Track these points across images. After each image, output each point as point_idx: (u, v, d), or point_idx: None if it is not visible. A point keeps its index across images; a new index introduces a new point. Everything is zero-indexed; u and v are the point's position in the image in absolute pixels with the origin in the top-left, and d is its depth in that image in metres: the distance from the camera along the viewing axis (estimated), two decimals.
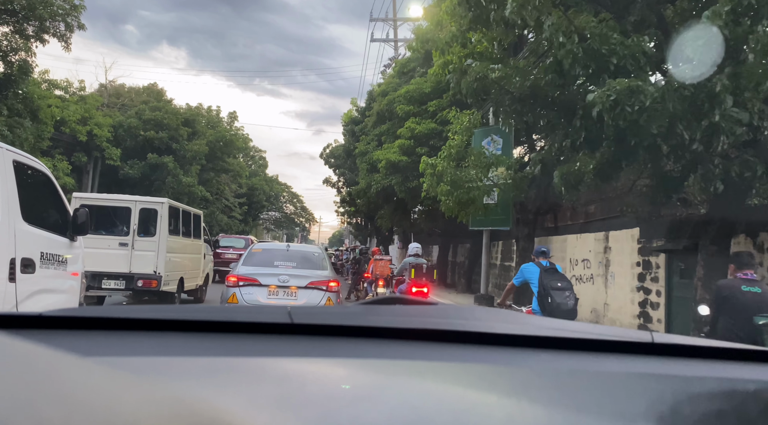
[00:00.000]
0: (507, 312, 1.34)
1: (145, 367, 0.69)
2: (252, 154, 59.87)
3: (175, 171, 29.03)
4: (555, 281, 5.94)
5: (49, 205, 5.30)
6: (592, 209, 11.14)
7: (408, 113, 17.77)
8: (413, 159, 17.38)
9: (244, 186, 50.82)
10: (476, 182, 12.23)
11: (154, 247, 10.42)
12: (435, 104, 17.04)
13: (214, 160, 38.55)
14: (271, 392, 0.62)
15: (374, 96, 25.42)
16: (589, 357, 0.96)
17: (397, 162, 17.36)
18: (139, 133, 29.13)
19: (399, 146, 17.51)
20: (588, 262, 11.02)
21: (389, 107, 19.99)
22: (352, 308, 1.30)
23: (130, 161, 28.87)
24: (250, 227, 54.33)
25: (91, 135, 26.79)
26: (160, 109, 30.09)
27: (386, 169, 18.31)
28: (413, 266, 10.09)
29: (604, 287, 10.28)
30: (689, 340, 1.15)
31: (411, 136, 17.22)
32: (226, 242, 21.91)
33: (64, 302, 5.13)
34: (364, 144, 22.16)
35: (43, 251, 4.81)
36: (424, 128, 16.78)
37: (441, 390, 0.71)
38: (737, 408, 0.78)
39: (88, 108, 27.17)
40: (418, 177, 17.61)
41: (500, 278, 16.56)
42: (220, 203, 44.31)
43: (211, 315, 1.00)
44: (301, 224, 71.31)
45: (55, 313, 0.90)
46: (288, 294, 7.91)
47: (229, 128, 40.73)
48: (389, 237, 36.06)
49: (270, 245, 11.18)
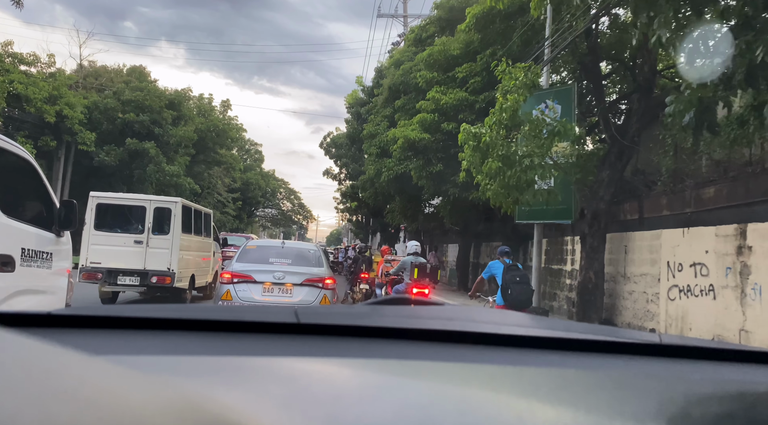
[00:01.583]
0: (512, 313, 1.43)
1: (152, 366, 0.69)
2: (247, 147, 57.41)
3: (158, 159, 25.74)
4: (515, 277, 6.87)
5: (32, 196, 4.94)
6: (709, 192, 7.91)
7: (430, 82, 14.53)
8: (437, 137, 14.17)
9: (238, 180, 48.46)
10: (536, 158, 9.03)
11: (168, 245, 10.67)
12: (466, 69, 13.81)
13: (206, 151, 35.73)
14: (278, 391, 0.62)
15: (384, 72, 22.18)
16: (597, 358, 0.96)
17: (417, 141, 14.12)
18: (117, 115, 25.83)
19: (420, 122, 14.28)
20: (703, 267, 7.81)
21: (405, 78, 16.76)
22: (358, 308, 1.51)
23: (106, 146, 25.54)
24: (244, 224, 52.06)
25: (61, 116, 23.51)
26: (141, 89, 26.77)
27: (402, 151, 15.07)
28: (415, 266, 9.29)
29: (739, 306, 7.07)
30: (697, 342, 1.15)
31: (435, 109, 13.99)
32: (232, 240, 21.84)
33: (49, 303, 4.82)
34: (372, 125, 18.91)
35: (25, 248, 4.47)
36: (452, 99, 13.55)
37: (448, 391, 0.70)
38: (747, 411, 0.76)
39: (58, 86, 23.86)
40: (445, 159, 14.40)
41: (548, 285, 13.34)
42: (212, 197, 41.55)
43: (218, 315, 1.02)
44: (298, 222, 68.80)
45: (63, 312, 0.93)
46: (283, 291, 7.82)
47: (222, 117, 37.81)
48: (395, 235, 32.92)
49: (265, 242, 11.41)
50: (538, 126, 9.40)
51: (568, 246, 12.42)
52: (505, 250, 7.33)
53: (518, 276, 6.91)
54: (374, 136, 18.45)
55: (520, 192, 9.39)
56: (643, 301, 9.46)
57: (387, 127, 18.36)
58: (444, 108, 13.79)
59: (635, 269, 9.76)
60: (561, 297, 12.74)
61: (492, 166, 8.94)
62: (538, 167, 8.87)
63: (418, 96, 15.92)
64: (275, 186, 60.27)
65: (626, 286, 10.05)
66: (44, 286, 4.84)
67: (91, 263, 10.45)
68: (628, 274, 9.99)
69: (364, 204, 29.51)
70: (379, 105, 19.46)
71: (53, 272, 4.95)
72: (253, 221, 61.55)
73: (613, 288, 10.43)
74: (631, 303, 9.86)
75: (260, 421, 0.49)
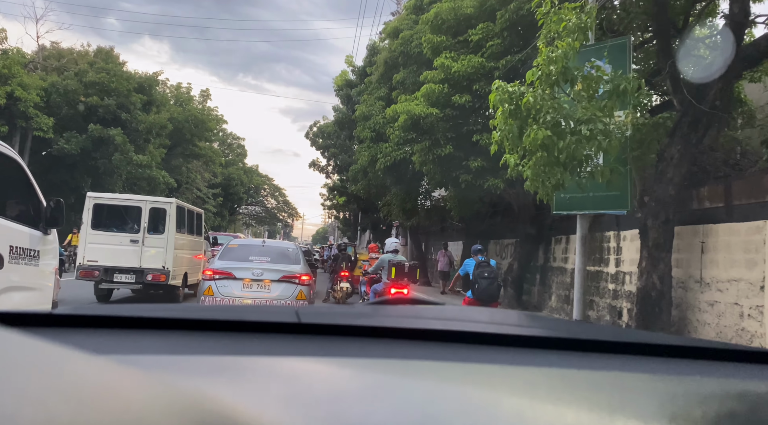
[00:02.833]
0: (511, 312, 1.41)
1: (153, 365, 0.69)
2: (229, 141, 55.08)
3: (125, 147, 23.07)
4: (484, 273, 7.61)
5: (19, 195, 5.00)
6: None
7: (437, 48, 12.15)
8: (447, 113, 11.81)
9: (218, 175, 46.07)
10: (599, 123, 6.73)
11: (163, 244, 11.04)
12: (481, 30, 11.45)
13: (183, 143, 33.36)
14: (279, 391, 0.62)
15: (377, 48, 19.80)
16: (597, 358, 0.96)
17: (423, 117, 11.74)
18: (78, 99, 23.11)
19: (425, 95, 11.90)
20: None
21: (405, 47, 14.37)
22: (359, 308, 1.37)
23: (66, 133, 22.81)
24: (226, 221, 49.72)
25: (13, 99, 20.82)
26: (108, 71, 24.07)
27: (403, 132, 12.70)
28: (393, 265, 8.69)
29: None
30: (698, 342, 1.20)
31: (444, 78, 11.62)
32: (222, 239, 21.99)
33: (36, 300, 4.97)
34: (366, 106, 16.50)
35: (13, 245, 4.54)
36: (465, 66, 11.20)
37: (448, 390, 0.69)
38: (748, 410, 0.76)
39: (9, 64, 21.14)
40: (456, 140, 12.06)
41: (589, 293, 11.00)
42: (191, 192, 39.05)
43: (219, 315, 1.02)
44: (284, 220, 66.61)
45: (64, 312, 0.93)
46: (261, 287, 8.20)
47: (201, 107, 35.39)
48: (386, 232, 30.57)
49: (247, 241, 12.33)
50: (594, 83, 7.10)
51: (611, 243, 10.13)
52: (478, 248, 8.29)
53: (486, 272, 7.67)
54: (368, 118, 16.05)
55: (571, 172, 7.09)
56: (734, 316, 7.18)
57: (382, 108, 15.99)
58: (455, 77, 11.44)
59: (720, 273, 7.47)
60: (601, 306, 10.45)
61: (538, 136, 6.60)
62: (603, 133, 6.55)
63: (420, 68, 13.55)
64: (259, 182, 58.32)
65: (704, 295, 7.77)
66: (32, 283, 4.94)
67: (88, 261, 10.77)
68: (708, 279, 7.71)
69: (354, 199, 27.14)
70: (374, 83, 17.06)
71: (40, 269, 5.05)
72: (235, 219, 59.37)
73: (683, 297, 8.15)
74: (713, 318, 7.57)
75: (261, 420, 0.49)
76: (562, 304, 11.97)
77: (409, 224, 18.62)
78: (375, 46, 20.19)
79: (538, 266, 13.44)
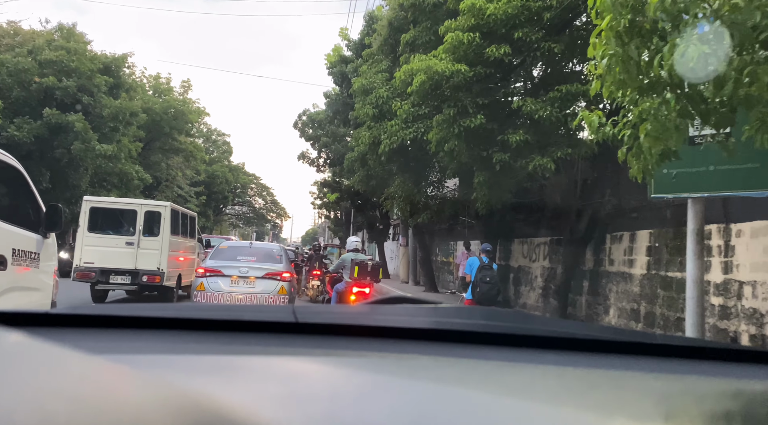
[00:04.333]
0: (509, 312, 1.43)
1: (151, 365, 0.68)
2: (214, 138, 52.11)
3: (86, 135, 20.07)
4: (485, 276, 8.11)
5: (20, 200, 5.18)
6: None
7: None
8: (478, 71, 9.03)
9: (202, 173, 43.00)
10: None
11: (158, 246, 11.44)
12: None
13: (162, 137, 30.41)
14: (276, 389, 0.62)
15: (377, 17, 17.01)
16: (596, 357, 0.95)
17: (447, 77, 8.93)
18: (32, 80, 20.08)
19: (449, 50, 9.10)
20: None
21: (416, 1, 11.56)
22: (356, 307, 1.45)
23: (17, 118, 19.76)
24: (210, 222, 46.73)
25: None
26: (68, 49, 21.06)
27: (419, 98, 9.92)
28: (356, 264, 8.45)
29: None
30: (696, 342, 1.13)
31: (475, 25, 8.84)
32: (214, 242, 21.40)
33: (37, 300, 5.13)
34: (367, 78, 13.67)
35: (15, 248, 4.72)
36: (506, 7, 8.43)
37: (445, 389, 0.69)
38: (745, 410, 0.75)
39: None
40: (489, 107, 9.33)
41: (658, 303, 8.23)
42: (171, 190, 35.93)
43: (216, 314, 1.02)
44: (272, 221, 63.74)
45: (62, 311, 0.93)
46: (247, 283, 9.11)
47: (181, 98, 32.47)
48: (384, 231, 27.76)
49: (236, 242, 13.27)
50: None
51: (712, 241, 7.40)
52: (487, 248, 8.97)
53: (488, 277, 8.36)
54: (369, 91, 13.21)
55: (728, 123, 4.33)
56: None
57: (386, 80, 13.21)
58: (490, 24, 8.66)
59: None
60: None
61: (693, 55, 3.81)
62: None
63: (436, 24, 10.78)
64: (246, 181, 55.40)
65: None
66: (33, 284, 5.13)
67: (85, 263, 11.07)
68: None
69: (348, 195, 24.31)
70: (375, 50, 14.25)
71: (41, 270, 5.24)
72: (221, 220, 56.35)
73: None
74: None
75: (259, 419, 0.49)
76: (627, 320, 9.23)
77: (415, 221, 15.79)
78: (374, 15, 17.39)
79: (586, 271, 10.72)
